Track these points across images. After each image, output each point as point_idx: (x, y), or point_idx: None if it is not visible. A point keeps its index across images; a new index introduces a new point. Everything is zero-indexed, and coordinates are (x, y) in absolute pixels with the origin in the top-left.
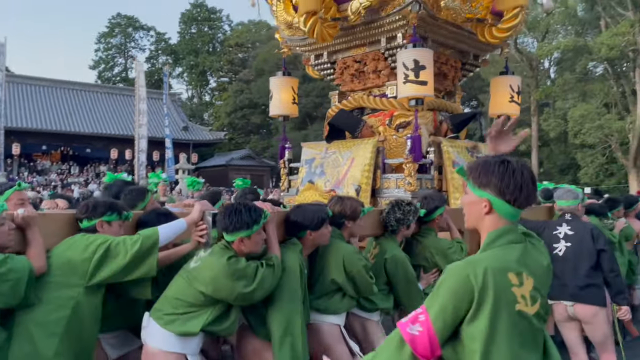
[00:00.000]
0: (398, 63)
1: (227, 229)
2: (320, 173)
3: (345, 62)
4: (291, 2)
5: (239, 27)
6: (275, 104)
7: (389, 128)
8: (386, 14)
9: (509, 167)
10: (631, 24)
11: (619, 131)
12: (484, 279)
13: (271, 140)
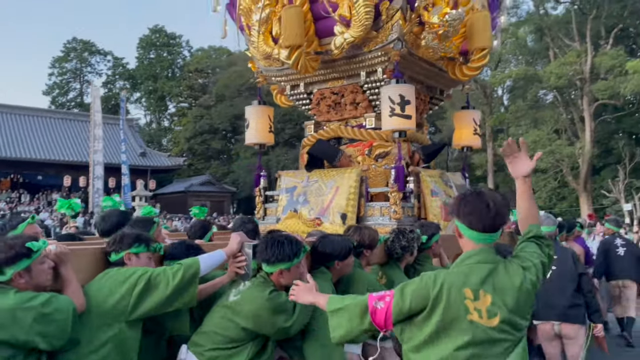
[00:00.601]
0: (383, 97)
1: (268, 261)
2: (303, 201)
3: (322, 93)
4: (271, 35)
5: (199, 52)
6: (251, 133)
7: (368, 158)
8: (368, 50)
9: (475, 198)
10: (578, 54)
11: (569, 156)
12: (439, 291)
13: (232, 165)
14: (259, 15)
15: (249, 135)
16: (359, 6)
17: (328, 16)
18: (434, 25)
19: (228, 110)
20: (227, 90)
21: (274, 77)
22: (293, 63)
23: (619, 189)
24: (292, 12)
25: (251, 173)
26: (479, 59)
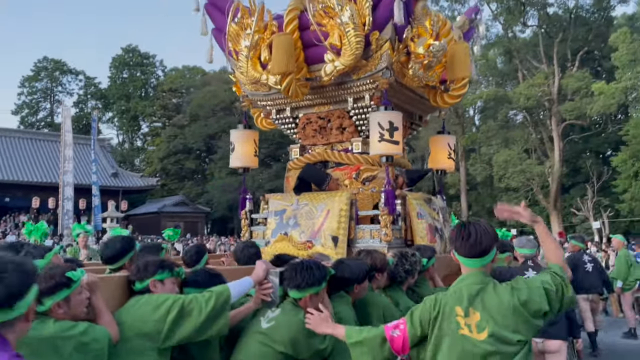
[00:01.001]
0: (372, 123)
1: (299, 286)
2: (294, 224)
3: (309, 118)
4: (259, 60)
5: (173, 72)
6: (236, 156)
7: (355, 181)
8: (357, 78)
9: (461, 229)
10: (545, 76)
11: (539, 175)
12: (438, 309)
13: (206, 185)
14: (248, 41)
15: (234, 159)
16: (351, 36)
17: (319, 44)
18: (420, 55)
19: (202, 130)
20: (201, 110)
21: (260, 101)
22: (284, 89)
23: (587, 207)
24: (283, 40)
25: (226, 193)
26: (460, 88)
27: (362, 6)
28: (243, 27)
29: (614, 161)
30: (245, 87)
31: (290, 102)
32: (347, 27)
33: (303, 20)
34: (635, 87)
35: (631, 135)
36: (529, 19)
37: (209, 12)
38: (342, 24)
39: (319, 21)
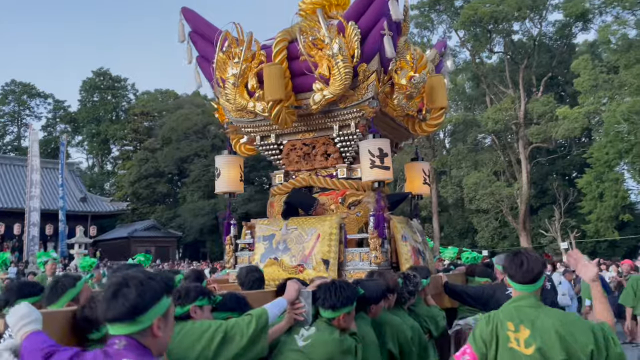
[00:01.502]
0: (363, 150)
1: (334, 306)
2: (284, 249)
3: (293, 144)
4: (246, 89)
5: (145, 95)
6: (222, 182)
7: (342, 206)
8: (344, 106)
9: (513, 258)
10: (512, 100)
11: (508, 197)
12: (492, 324)
13: (178, 209)
14: (236, 70)
15: (219, 184)
16: (340, 67)
17: (307, 74)
18: (403, 86)
19: (174, 153)
20: (173, 133)
21: (244, 128)
22: (274, 117)
23: (555, 228)
24: (274, 70)
25: (198, 217)
26: (437, 117)
27: (350, 39)
28: (230, 55)
29: (579, 183)
30: (229, 114)
31: (275, 129)
32: (336, 58)
33: (291, 50)
34: (598, 112)
35: (595, 157)
36: (495, 45)
37: (193, 40)
38: (331, 56)
39: (308, 52)
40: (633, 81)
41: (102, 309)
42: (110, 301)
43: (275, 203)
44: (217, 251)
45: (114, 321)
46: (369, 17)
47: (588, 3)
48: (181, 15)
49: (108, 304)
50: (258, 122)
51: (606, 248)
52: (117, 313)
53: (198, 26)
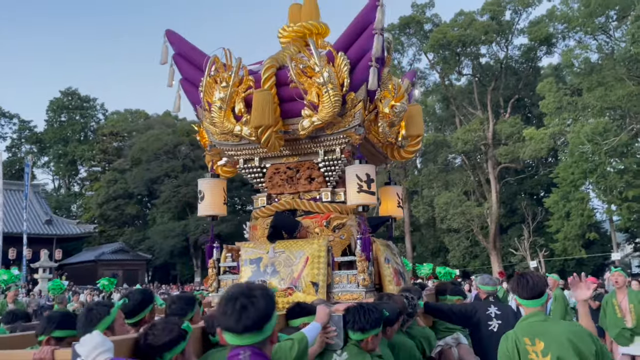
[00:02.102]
0: (350, 175)
1: (363, 329)
2: (272, 272)
3: (277, 168)
4: (232, 112)
5: (114, 115)
6: (205, 205)
7: (326, 229)
8: (331, 133)
9: (519, 279)
10: (481, 122)
11: (478, 216)
12: (511, 343)
13: (147, 231)
14: (223, 94)
15: (203, 207)
16: (330, 95)
17: (296, 100)
18: (387, 115)
19: (144, 174)
20: (143, 154)
21: (228, 151)
22: (264, 141)
23: (524, 247)
24: (265, 95)
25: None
26: (415, 144)
27: (340, 69)
28: (217, 79)
29: (546, 202)
30: (213, 137)
31: (259, 153)
32: (327, 86)
33: (279, 77)
34: (563, 133)
35: (561, 177)
36: (463, 68)
37: (177, 62)
38: (321, 84)
39: (298, 79)
40: (595, 103)
41: (232, 320)
42: (241, 312)
43: (258, 226)
44: (187, 274)
45: (245, 331)
46: (357, 48)
47: (552, 28)
48: (165, 38)
49: (239, 314)
50: (242, 146)
51: (574, 266)
52: (250, 323)
53: (182, 49)
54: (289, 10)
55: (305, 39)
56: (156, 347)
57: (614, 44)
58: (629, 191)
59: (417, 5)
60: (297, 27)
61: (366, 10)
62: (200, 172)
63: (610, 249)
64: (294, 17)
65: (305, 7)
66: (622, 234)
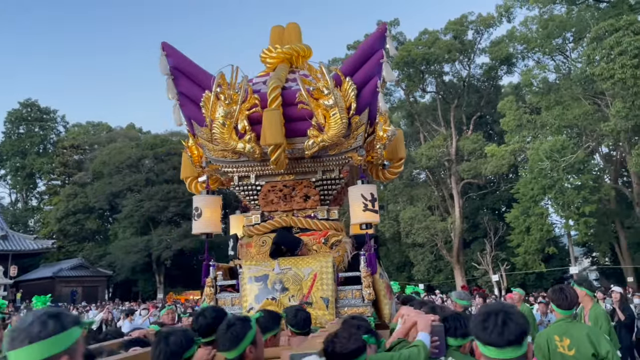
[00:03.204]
0: (355, 194)
1: (465, 335)
2: (281, 289)
3: (274, 185)
4: (235, 130)
5: (75, 128)
6: (202, 222)
7: (324, 246)
8: (333, 153)
9: (560, 292)
10: (444, 138)
11: (442, 231)
12: (545, 338)
13: (108, 247)
14: (227, 111)
15: (200, 225)
16: (337, 117)
17: (298, 120)
18: (383, 138)
19: (106, 188)
20: (105, 167)
21: (224, 168)
22: (274, 160)
23: (487, 261)
24: (275, 115)
25: (130, 255)
26: (398, 167)
27: (347, 93)
28: (220, 96)
29: (507, 217)
30: (209, 153)
31: (255, 170)
32: (334, 109)
33: (284, 97)
34: (522, 150)
35: (521, 193)
36: (427, 85)
37: (173, 75)
38: (329, 106)
39: (303, 100)
40: (553, 122)
41: (495, 334)
42: (503, 327)
43: (253, 243)
44: (149, 290)
45: (507, 345)
46: (362, 74)
47: (512, 48)
48: (162, 50)
49: (501, 329)
50: (240, 163)
51: (534, 280)
52: (512, 337)
53: (178, 62)
54: (271, 32)
55: (292, 60)
56: (343, 355)
57: (571, 65)
58: (586, 207)
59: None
60: (286, 49)
61: (372, 39)
62: (165, 186)
63: (568, 263)
64: (275, 39)
65: (288, 30)
66: (579, 248)
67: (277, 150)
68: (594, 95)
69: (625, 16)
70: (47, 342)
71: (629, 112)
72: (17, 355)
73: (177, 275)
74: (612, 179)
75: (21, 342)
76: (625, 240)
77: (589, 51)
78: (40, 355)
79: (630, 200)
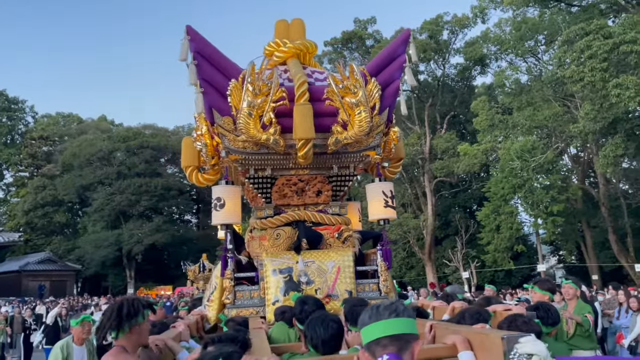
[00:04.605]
0: (374, 191)
1: (554, 323)
2: (307, 282)
3: (289, 179)
4: (260, 121)
5: (44, 118)
6: (224, 213)
7: (337, 240)
8: (352, 150)
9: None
10: (418, 136)
11: (415, 228)
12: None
13: (78, 240)
14: (254, 101)
15: (221, 215)
16: (362, 116)
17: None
18: (395, 139)
19: (76, 181)
20: (75, 160)
21: (244, 159)
22: (303, 154)
23: (458, 258)
24: (307, 109)
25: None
26: (397, 166)
27: (372, 92)
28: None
29: (478, 215)
30: (229, 143)
31: (272, 163)
32: (360, 107)
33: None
34: (494, 149)
35: (492, 192)
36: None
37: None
38: (357, 104)
39: (329, 96)
40: (524, 122)
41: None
42: None
43: (267, 236)
44: (120, 285)
45: None
46: (385, 76)
47: (485, 49)
48: (186, 34)
49: None
50: (259, 155)
51: (503, 277)
52: None
53: (202, 47)
54: (276, 26)
55: (300, 56)
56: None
57: (542, 67)
58: (554, 206)
59: (359, 20)
60: (297, 44)
61: (396, 43)
62: (136, 179)
63: (536, 261)
64: (282, 33)
65: (294, 25)
66: (547, 247)
67: (307, 145)
68: (564, 97)
69: (596, 20)
70: None
71: (597, 114)
72: None
73: (148, 270)
74: (579, 180)
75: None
76: (590, 239)
77: (560, 54)
78: None
79: (596, 201)
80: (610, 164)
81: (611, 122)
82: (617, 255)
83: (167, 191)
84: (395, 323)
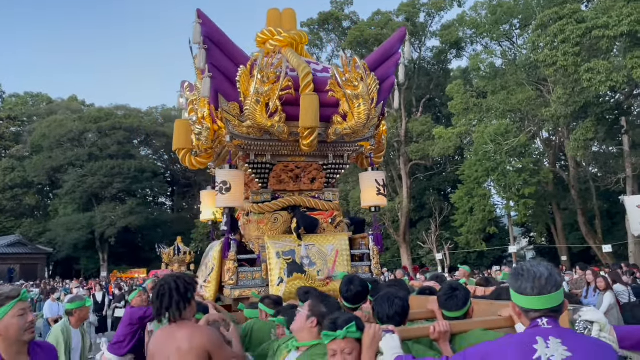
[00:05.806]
0: (367, 179)
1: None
2: (309, 264)
3: (286, 165)
4: (266, 108)
5: (12, 98)
6: (229, 196)
7: (330, 225)
8: (349, 140)
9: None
10: (394, 120)
11: (390, 210)
12: None
13: (48, 223)
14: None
15: (226, 199)
16: (361, 107)
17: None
18: (385, 131)
19: (46, 162)
20: (45, 141)
21: (246, 144)
22: (308, 143)
23: (432, 240)
24: (313, 99)
25: (72, 232)
26: (380, 157)
27: (371, 86)
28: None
29: (452, 198)
30: (234, 129)
31: (272, 149)
32: (360, 100)
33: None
34: (469, 133)
35: (466, 175)
36: None
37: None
38: (357, 96)
39: (331, 88)
40: (498, 106)
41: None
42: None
43: (265, 220)
44: (92, 268)
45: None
46: (383, 70)
47: (461, 33)
48: (197, 18)
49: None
50: (260, 141)
51: (476, 258)
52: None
53: (211, 32)
54: (268, 15)
55: (293, 46)
56: None
57: (517, 51)
58: (526, 189)
59: (336, 2)
60: (292, 34)
61: (393, 40)
62: (109, 161)
63: (507, 243)
64: (274, 21)
65: (285, 15)
66: (518, 229)
67: (313, 134)
68: (537, 82)
69: (569, 5)
70: None
71: (569, 98)
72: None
73: (122, 253)
74: (550, 163)
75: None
76: (560, 222)
77: (534, 38)
78: None
79: (566, 184)
80: (581, 147)
81: (582, 106)
82: (585, 236)
83: (140, 173)
84: (556, 297)
